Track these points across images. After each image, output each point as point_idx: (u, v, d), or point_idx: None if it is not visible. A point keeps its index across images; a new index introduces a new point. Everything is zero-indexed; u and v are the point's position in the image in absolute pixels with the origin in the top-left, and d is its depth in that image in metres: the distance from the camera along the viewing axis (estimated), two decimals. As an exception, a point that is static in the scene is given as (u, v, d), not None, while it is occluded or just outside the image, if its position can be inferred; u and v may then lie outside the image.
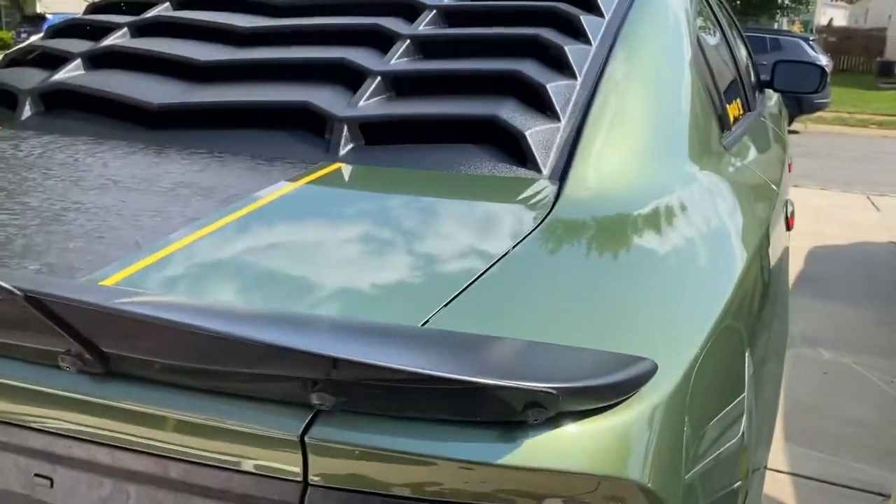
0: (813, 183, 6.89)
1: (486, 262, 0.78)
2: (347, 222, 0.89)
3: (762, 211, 1.32)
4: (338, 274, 0.76)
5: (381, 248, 0.82)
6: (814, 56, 11.58)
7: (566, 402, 0.56)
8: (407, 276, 0.76)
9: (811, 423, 2.47)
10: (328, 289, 0.73)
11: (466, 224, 0.89)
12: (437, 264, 0.79)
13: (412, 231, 0.87)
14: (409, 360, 0.55)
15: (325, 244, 0.83)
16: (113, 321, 0.54)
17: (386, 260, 0.79)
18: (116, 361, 0.58)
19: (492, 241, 0.84)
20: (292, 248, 0.82)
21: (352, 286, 0.74)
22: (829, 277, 3.98)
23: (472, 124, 1.09)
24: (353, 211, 0.93)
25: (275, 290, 0.73)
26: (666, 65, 1.30)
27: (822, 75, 2.70)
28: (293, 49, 1.30)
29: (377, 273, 0.76)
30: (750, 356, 0.97)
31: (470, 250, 0.83)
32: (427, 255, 0.81)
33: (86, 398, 0.60)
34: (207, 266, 0.77)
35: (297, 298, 0.71)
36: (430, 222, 0.90)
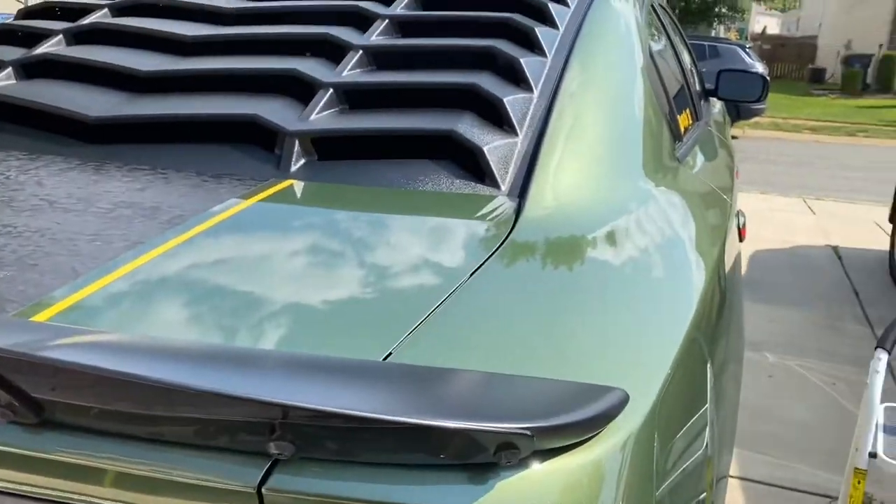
0: (753, 187, 7.08)
1: (448, 288, 0.75)
2: (300, 246, 0.85)
3: (717, 224, 1.32)
4: (293, 303, 0.72)
5: (338, 273, 0.78)
6: (750, 63, 11.92)
7: (541, 441, 0.53)
8: (368, 304, 0.72)
9: (759, 427, 2.51)
10: (283, 320, 0.69)
11: (427, 246, 0.86)
12: (399, 291, 0.75)
13: (371, 255, 0.83)
14: (374, 402, 0.52)
15: (277, 270, 0.78)
16: (46, 367, 0.49)
17: (344, 287, 0.75)
18: (51, 410, 0.53)
19: (454, 264, 0.81)
20: (243, 275, 0.77)
21: (309, 316, 0.70)
22: (770, 281, 4.08)
23: (429, 139, 1.06)
24: (306, 233, 0.88)
25: (225, 322, 0.69)
26: (621, 77, 1.29)
27: (763, 84, 2.76)
28: (241, 59, 1.25)
29: (335, 302, 0.73)
30: (711, 367, 0.96)
31: (432, 274, 0.79)
32: (388, 281, 0.77)
33: (18, 451, 0.55)
34: (151, 296, 0.72)
35: (249, 330, 0.67)
36: (390, 245, 0.86)
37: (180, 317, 0.68)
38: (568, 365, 0.68)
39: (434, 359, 0.63)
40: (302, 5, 1.41)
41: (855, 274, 4.28)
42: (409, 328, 0.67)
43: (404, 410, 0.51)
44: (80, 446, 0.54)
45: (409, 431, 0.50)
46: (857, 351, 3.16)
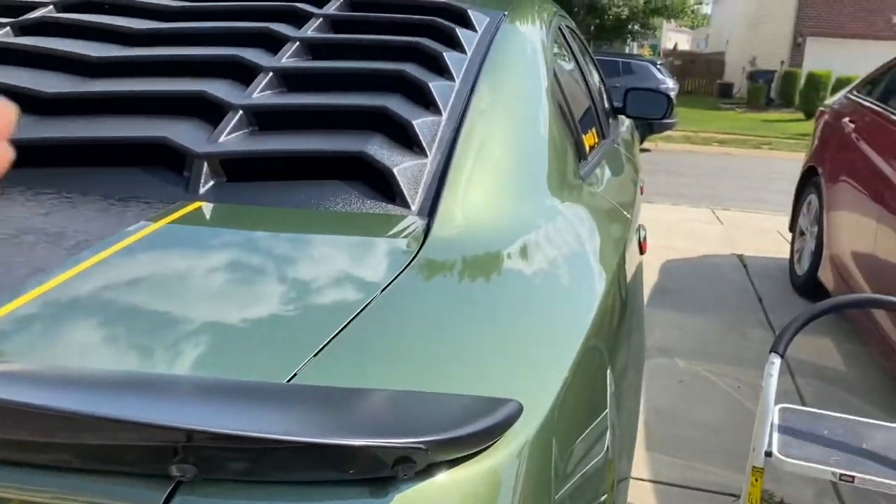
0: (665, 199, 7.35)
1: (355, 307, 0.77)
2: (208, 268, 0.86)
3: (617, 238, 1.39)
4: (199, 326, 0.73)
5: (246, 295, 0.79)
6: (661, 78, 12.41)
7: (436, 454, 0.56)
8: (275, 326, 0.74)
9: (670, 431, 2.62)
10: (189, 343, 0.70)
11: (337, 266, 0.89)
12: (306, 311, 0.77)
13: (279, 276, 0.85)
14: (275, 422, 0.54)
15: (184, 293, 0.79)
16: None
17: (252, 309, 0.77)
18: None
19: (362, 284, 0.84)
20: (149, 299, 0.78)
21: (215, 339, 0.71)
22: (680, 289, 4.25)
23: (339, 160, 1.08)
24: (215, 255, 0.89)
25: (131, 346, 0.69)
26: (526, 99, 1.35)
27: (668, 103, 2.90)
28: (149, 81, 1.24)
29: (242, 324, 0.74)
30: (611, 373, 1.02)
31: (339, 294, 0.82)
32: (295, 302, 0.79)
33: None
34: (54, 323, 0.72)
35: (155, 354, 0.68)
36: (299, 265, 0.88)
37: (84, 343, 0.69)
38: (468, 378, 0.71)
39: (339, 378, 0.66)
40: (212, 27, 1.41)
41: (759, 281, 4.50)
42: (315, 349, 0.69)
43: (305, 430, 0.53)
44: (-22, 477, 0.54)
45: (310, 450, 0.53)
46: (760, 355, 3.32)
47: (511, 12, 1.60)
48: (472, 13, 1.50)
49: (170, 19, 1.48)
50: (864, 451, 1.59)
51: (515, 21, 1.58)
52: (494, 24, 1.49)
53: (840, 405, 2.86)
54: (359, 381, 0.66)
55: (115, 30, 1.40)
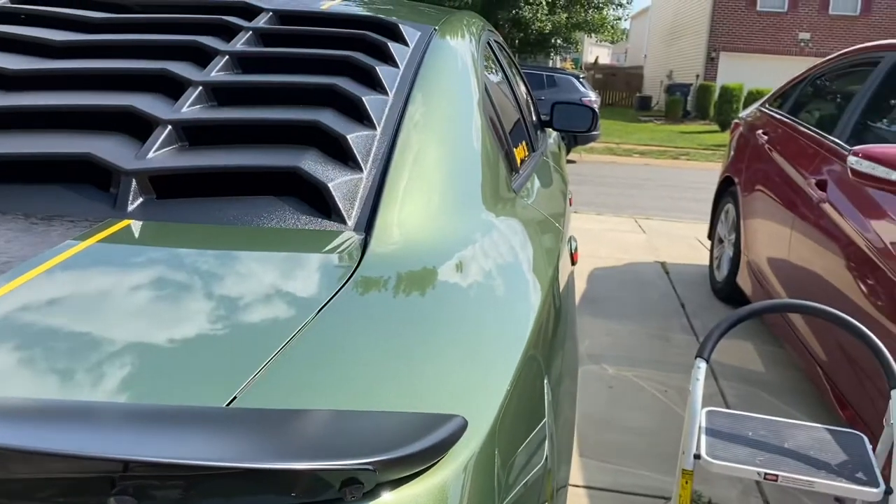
0: (589, 208, 7.52)
1: (294, 327, 0.76)
2: (139, 289, 0.83)
3: (550, 249, 1.42)
4: (133, 350, 0.70)
5: (180, 316, 0.77)
6: (584, 91, 12.71)
7: (383, 474, 0.56)
8: (212, 348, 0.72)
9: (601, 436, 2.67)
10: (122, 368, 0.68)
11: (273, 284, 0.87)
12: (243, 332, 0.76)
13: (215, 295, 0.83)
14: (217, 449, 0.53)
15: (115, 316, 0.76)
16: None
17: (186, 331, 0.75)
18: None
19: (300, 302, 0.83)
20: (78, 322, 0.75)
21: (150, 364, 0.69)
22: (607, 297, 4.35)
23: (273, 175, 1.07)
24: (145, 275, 0.87)
25: (57, 373, 0.66)
26: (460, 113, 1.36)
27: (593, 117, 2.97)
28: (72, 95, 1.20)
29: (178, 346, 0.72)
30: (548, 382, 1.03)
31: (277, 313, 0.80)
32: (232, 322, 0.77)
33: None
34: (-25, 350, 0.68)
35: (86, 380, 0.65)
36: (234, 284, 0.86)
37: (10, 369, 0.65)
38: (412, 395, 0.71)
39: (281, 400, 0.65)
40: (138, 39, 1.37)
41: (681, 287, 4.65)
42: (254, 371, 0.68)
43: (248, 455, 0.52)
44: None
45: (255, 476, 0.51)
46: (685, 359, 3.43)
47: (441, 27, 1.61)
48: (403, 27, 1.50)
49: (94, 31, 1.43)
50: (786, 450, 1.66)
51: (446, 35, 1.59)
52: (426, 39, 1.50)
53: (762, 406, 2.98)
54: (300, 403, 0.65)
55: (35, 41, 1.35)
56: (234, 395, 0.64)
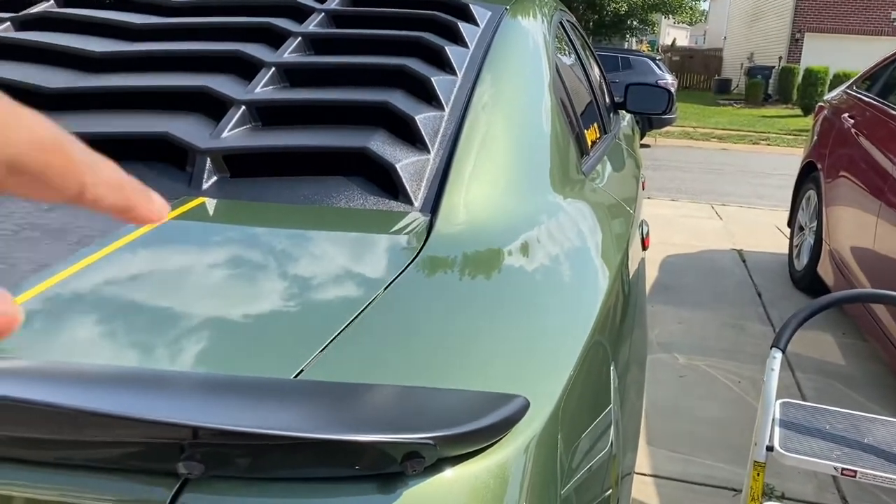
0: (663, 194, 7.35)
1: (361, 303, 0.77)
2: (212, 264, 0.86)
3: (620, 234, 1.39)
4: (205, 321, 0.73)
5: (250, 291, 0.79)
6: (660, 74, 12.40)
7: (444, 450, 0.56)
8: (280, 322, 0.74)
9: (671, 426, 2.62)
10: (196, 339, 0.70)
11: (341, 262, 0.88)
12: (311, 307, 0.77)
13: (284, 272, 0.84)
14: (283, 420, 0.54)
15: (189, 289, 0.79)
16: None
17: (256, 304, 0.77)
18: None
19: (367, 280, 0.84)
20: (154, 295, 0.77)
21: (222, 335, 0.71)
22: (680, 285, 4.25)
23: (342, 156, 1.08)
24: (218, 251, 0.89)
25: (137, 342, 0.69)
26: (529, 94, 1.35)
27: (669, 98, 2.89)
28: (152, 76, 1.24)
29: (248, 319, 0.74)
30: (615, 369, 1.02)
31: (345, 291, 0.81)
32: (300, 298, 0.79)
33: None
34: (59, 319, 0.71)
35: (161, 350, 0.68)
36: (303, 261, 0.88)
37: (90, 339, 0.68)
38: (475, 374, 0.71)
39: (346, 374, 0.66)
40: (213, 22, 1.41)
41: (758, 276, 4.50)
42: (321, 345, 0.69)
43: (312, 426, 0.53)
44: (-13, 474, 0.54)
45: (319, 446, 0.52)
46: (760, 349, 3.33)
47: (512, 7, 1.59)
48: (473, 7, 1.49)
49: (171, 14, 1.47)
50: (865, 445, 1.59)
51: (517, 15, 1.57)
52: (496, 19, 1.49)
53: (840, 400, 2.87)
54: (365, 377, 0.66)
55: (116, 24, 1.40)
56: (301, 368, 0.65)
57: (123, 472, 0.54)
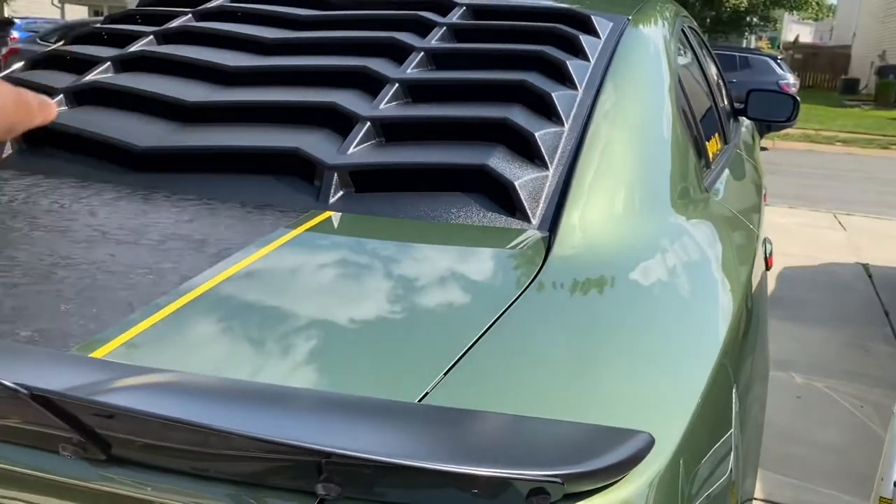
0: (781, 201, 7.01)
1: (481, 326, 0.78)
2: (339, 279, 0.89)
3: (744, 256, 1.34)
4: (335, 339, 0.76)
5: (376, 309, 0.82)
6: (782, 73, 11.85)
7: (570, 486, 0.56)
8: (404, 342, 0.76)
9: (785, 449, 2.51)
10: (326, 357, 0.73)
11: (461, 282, 0.90)
12: (433, 329, 0.79)
13: (406, 289, 0.87)
14: (412, 446, 0.56)
15: (320, 305, 0.82)
16: (111, 410, 0.53)
17: (381, 324, 0.79)
18: (118, 448, 0.57)
19: (487, 302, 0.85)
20: (287, 310, 0.81)
21: (350, 354, 0.74)
22: (798, 299, 4.05)
23: (461, 172, 1.10)
24: (345, 267, 0.92)
25: (273, 356, 0.73)
26: (652, 110, 1.32)
27: (794, 106, 2.76)
28: (281, 91, 1.29)
29: (374, 339, 0.76)
30: (736, 391, 0.98)
31: (465, 312, 0.83)
32: (423, 319, 0.81)
33: (86, 484, 0.59)
34: (204, 330, 0.76)
35: (296, 366, 0.71)
36: (426, 278, 0.90)
37: (232, 351, 0.73)
38: (597, 405, 0.71)
39: (468, 400, 0.67)
40: (340, 36, 1.45)
41: (886, 293, 4.23)
42: (444, 368, 0.70)
43: (442, 455, 0.54)
44: (144, 481, 0.59)
45: (449, 476, 0.54)
46: (886, 373, 3.13)
47: (634, 16, 1.56)
48: (595, 19, 1.47)
49: (301, 28, 1.53)
50: None
51: (639, 25, 1.54)
52: (618, 30, 1.46)
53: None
54: (487, 404, 0.67)
55: (249, 39, 1.47)
56: (426, 392, 0.67)
57: (267, 488, 0.57)
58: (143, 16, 1.73)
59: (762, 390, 1.46)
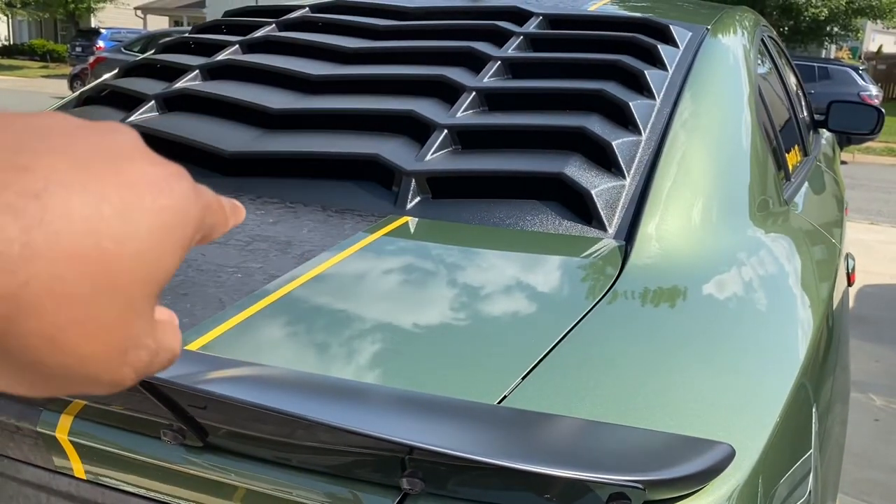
0: (862, 217, 6.76)
1: (558, 332, 0.78)
2: (417, 283, 0.91)
3: (826, 271, 1.31)
4: (416, 340, 0.78)
5: (454, 312, 0.83)
6: (863, 85, 11.45)
7: (651, 493, 0.56)
8: (482, 346, 0.77)
9: (863, 474, 2.42)
10: (409, 357, 0.75)
11: (538, 288, 0.91)
12: (512, 333, 0.80)
13: (486, 295, 0.88)
14: (495, 446, 0.57)
15: (401, 307, 0.84)
16: (209, 398, 0.56)
17: (462, 326, 0.80)
18: (214, 435, 0.60)
19: (564, 308, 0.85)
20: (369, 311, 0.84)
21: (431, 354, 0.75)
22: (878, 319, 3.90)
23: (538, 180, 1.10)
24: (426, 270, 0.94)
25: (356, 355, 0.75)
26: (731, 121, 1.30)
27: (878, 117, 2.66)
28: (361, 98, 1.33)
29: (453, 340, 0.78)
30: (816, 410, 0.96)
31: (542, 317, 0.84)
32: (502, 322, 0.82)
33: (182, 469, 0.62)
34: (290, 327, 0.79)
35: (379, 365, 0.73)
36: (503, 286, 0.91)
37: (316, 348, 0.75)
38: (677, 415, 0.71)
39: (546, 405, 0.67)
40: (419, 46, 1.48)
41: (974, 314, 4.03)
42: (522, 372, 0.71)
43: (523, 456, 0.55)
44: (236, 468, 0.61)
45: (529, 476, 0.55)
46: (974, 398, 2.98)
47: (713, 26, 1.54)
48: (673, 29, 1.46)
49: (380, 38, 1.57)
50: None
51: (718, 35, 1.52)
52: (697, 40, 1.45)
53: None
54: (564, 409, 0.67)
55: (330, 48, 1.51)
56: (505, 395, 0.68)
57: (353, 480, 0.59)
58: (229, 26, 1.80)
59: (843, 411, 1.42)
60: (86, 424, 0.66)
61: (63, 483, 0.68)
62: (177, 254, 0.28)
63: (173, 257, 0.28)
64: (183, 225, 0.29)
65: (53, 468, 0.68)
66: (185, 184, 0.29)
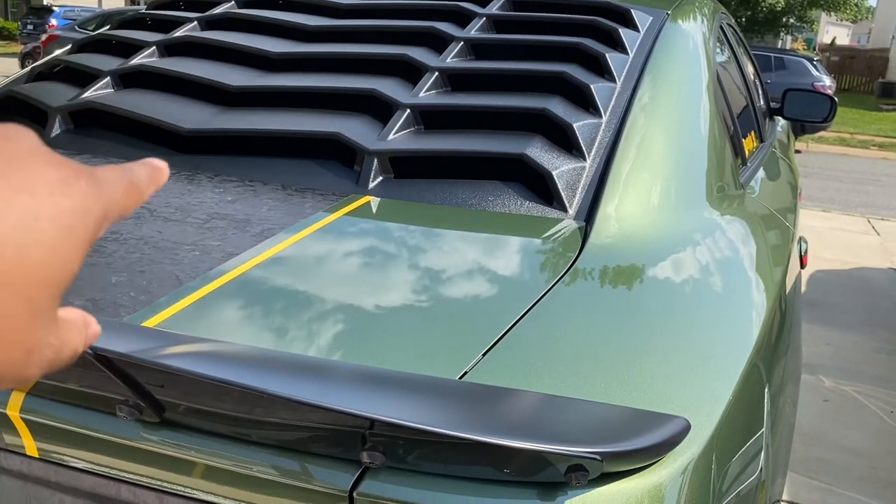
0: (814, 204, 6.93)
1: (519, 310, 0.79)
2: (381, 262, 0.91)
3: (779, 253, 1.34)
4: (378, 318, 0.77)
5: (415, 291, 0.83)
6: (817, 76, 11.68)
7: (608, 465, 0.57)
8: (446, 323, 0.77)
9: (812, 452, 2.49)
10: (369, 334, 0.75)
11: (498, 267, 0.91)
12: (473, 311, 0.80)
13: (447, 274, 0.88)
14: (456, 420, 0.57)
15: (361, 285, 0.84)
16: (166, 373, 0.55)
17: (424, 304, 0.80)
18: (171, 411, 0.59)
19: (524, 287, 0.86)
20: (329, 288, 0.83)
21: (392, 332, 0.75)
22: (829, 303, 4.01)
23: (500, 161, 1.11)
24: (384, 250, 0.94)
25: (315, 333, 0.74)
26: (689, 104, 1.32)
27: (831, 106, 2.73)
28: (323, 77, 1.31)
29: (416, 318, 0.78)
30: (768, 392, 0.99)
31: (503, 296, 0.84)
32: (463, 301, 0.82)
33: (138, 445, 0.61)
34: (247, 305, 0.78)
35: (339, 342, 0.73)
36: (464, 264, 0.91)
37: (275, 328, 0.74)
38: (634, 391, 0.72)
39: (506, 380, 0.68)
40: (381, 25, 1.47)
41: (919, 299, 4.17)
42: (483, 349, 0.72)
43: (484, 429, 0.55)
44: (194, 444, 0.61)
45: (489, 448, 0.55)
46: (918, 379, 3.09)
47: (674, 11, 1.56)
48: (635, 13, 1.47)
49: (341, 16, 1.55)
50: None
51: (678, 20, 1.54)
52: (657, 25, 1.46)
53: None
54: (524, 384, 0.68)
55: (291, 26, 1.49)
56: (465, 371, 0.68)
57: (313, 455, 0.59)
58: (187, 2, 1.76)
59: (794, 392, 1.45)
60: (38, 401, 0.65)
61: (15, 462, 0.66)
62: (80, 253, 0.29)
63: (76, 257, 0.28)
64: (85, 225, 0.29)
65: (4, 446, 0.67)
66: (84, 183, 0.29)
